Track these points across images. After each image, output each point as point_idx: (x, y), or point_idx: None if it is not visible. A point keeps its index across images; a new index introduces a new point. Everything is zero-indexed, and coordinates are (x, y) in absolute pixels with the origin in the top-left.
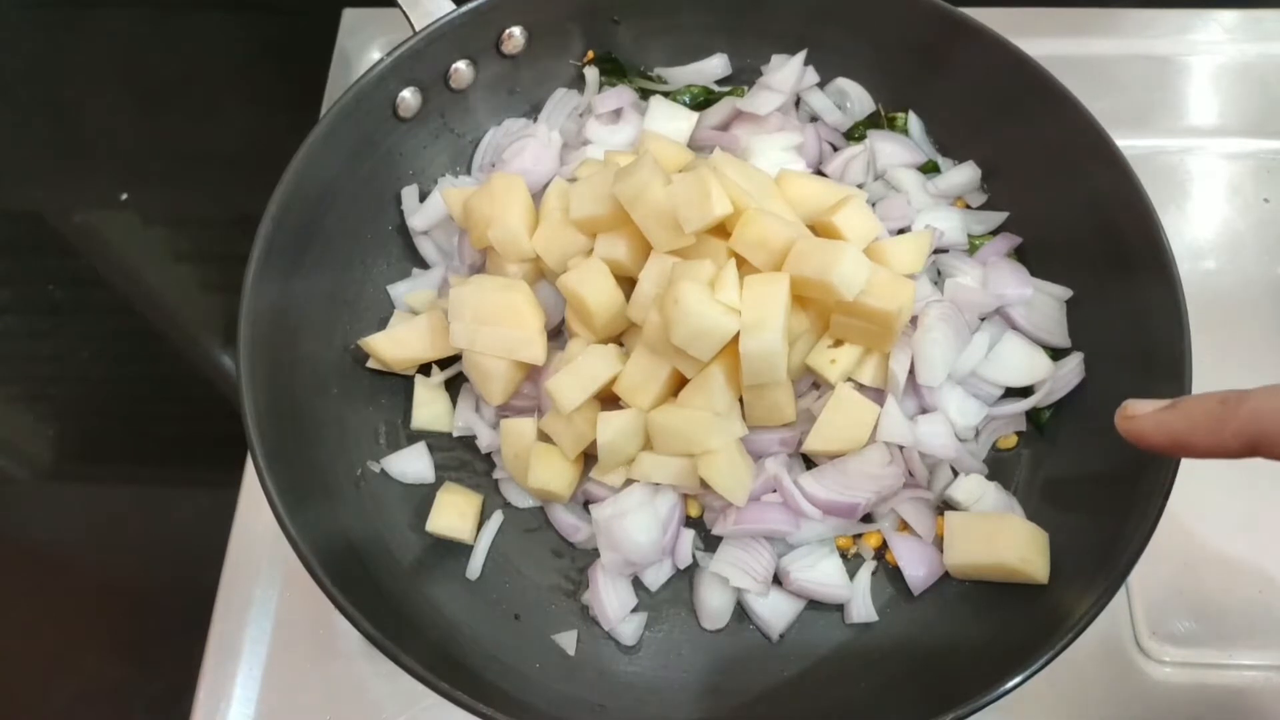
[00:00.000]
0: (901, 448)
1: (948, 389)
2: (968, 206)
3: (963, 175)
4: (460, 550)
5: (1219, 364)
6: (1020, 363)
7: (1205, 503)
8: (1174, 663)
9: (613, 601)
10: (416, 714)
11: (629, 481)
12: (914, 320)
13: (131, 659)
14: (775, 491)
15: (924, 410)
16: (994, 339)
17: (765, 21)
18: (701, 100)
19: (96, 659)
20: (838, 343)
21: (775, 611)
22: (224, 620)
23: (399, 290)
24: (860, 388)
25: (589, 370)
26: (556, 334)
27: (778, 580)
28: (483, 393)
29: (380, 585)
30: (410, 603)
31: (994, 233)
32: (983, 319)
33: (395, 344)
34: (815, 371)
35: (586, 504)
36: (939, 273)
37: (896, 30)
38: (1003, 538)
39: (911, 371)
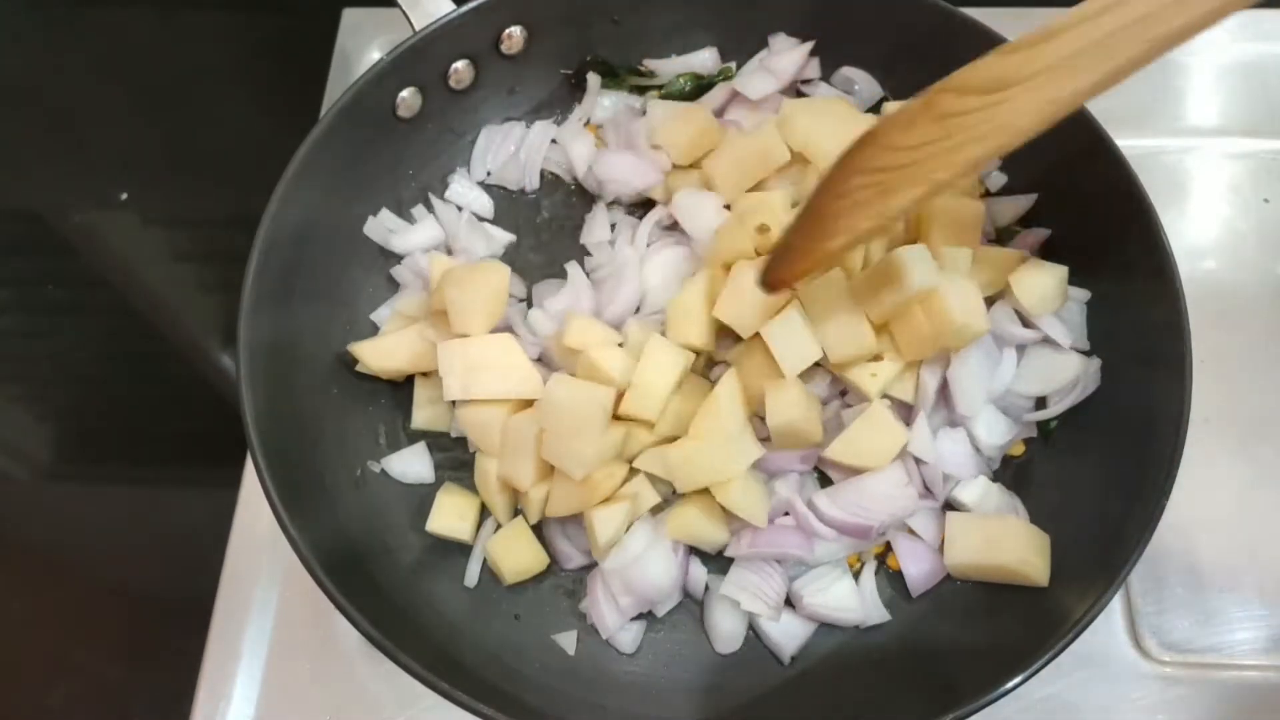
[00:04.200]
0: (918, 461)
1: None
2: (987, 191)
3: None
4: (460, 550)
5: (1219, 364)
6: (1051, 370)
7: (1205, 504)
8: (1174, 663)
9: (612, 612)
10: (416, 714)
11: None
12: None
13: (131, 659)
14: (789, 514)
15: (952, 424)
16: (1021, 349)
17: (768, 21)
18: (693, 88)
19: (96, 659)
20: (877, 357)
21: (787, 634)
22: (224, 620)
23: (381, 314)
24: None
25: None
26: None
27: (789, 603)
28: (484, 447)
29: (380, 585)
30: (410, 603)
31: (1021, 221)
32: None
33: (383, 354)
34: (854, 385)
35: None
36: None
37: (896, 29)
38: (1004, 539)
39: (942, 386)
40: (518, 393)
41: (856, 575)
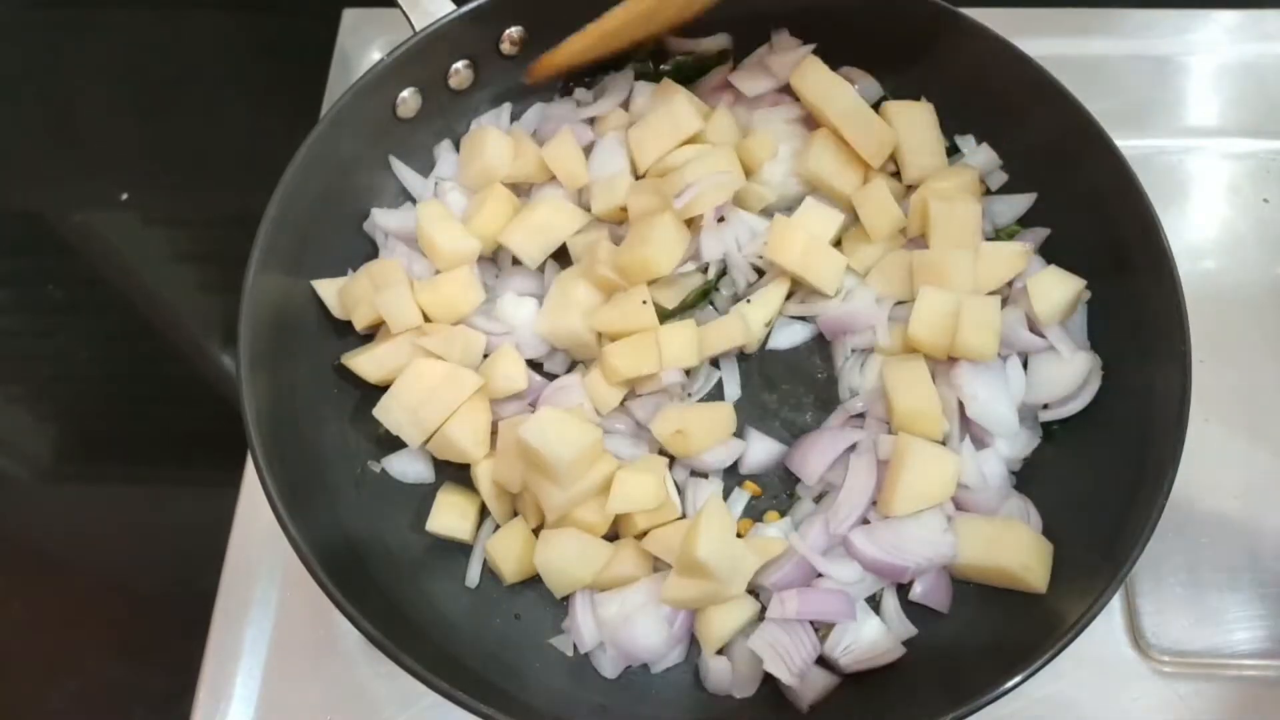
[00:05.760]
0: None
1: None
2: (988, 190)
3: (981, 157)
4: (460, 550)
5: (1219, 364)
6: (1057, 376)
7: (1205, 503)
8: (1174, 663)
9: (593, 634)
10: (416, 714)
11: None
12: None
13: (131, 659)
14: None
15: (979, 446)
16: (1023, 356)
17: (769, 18)
18: (692, 72)
19: (96, 659)
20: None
21: (809, 685)
22: (224, 620)
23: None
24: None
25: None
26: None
27: (822, 661)
28: (469, 460)
29: (380, 585)
30: (410, 603)
31: (1021, 221)
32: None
33: (376, 364)
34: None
35: None
36: None
37: (897, 29)
38: (1007, 544)
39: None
40: (463, 396)
41: (876, 606)
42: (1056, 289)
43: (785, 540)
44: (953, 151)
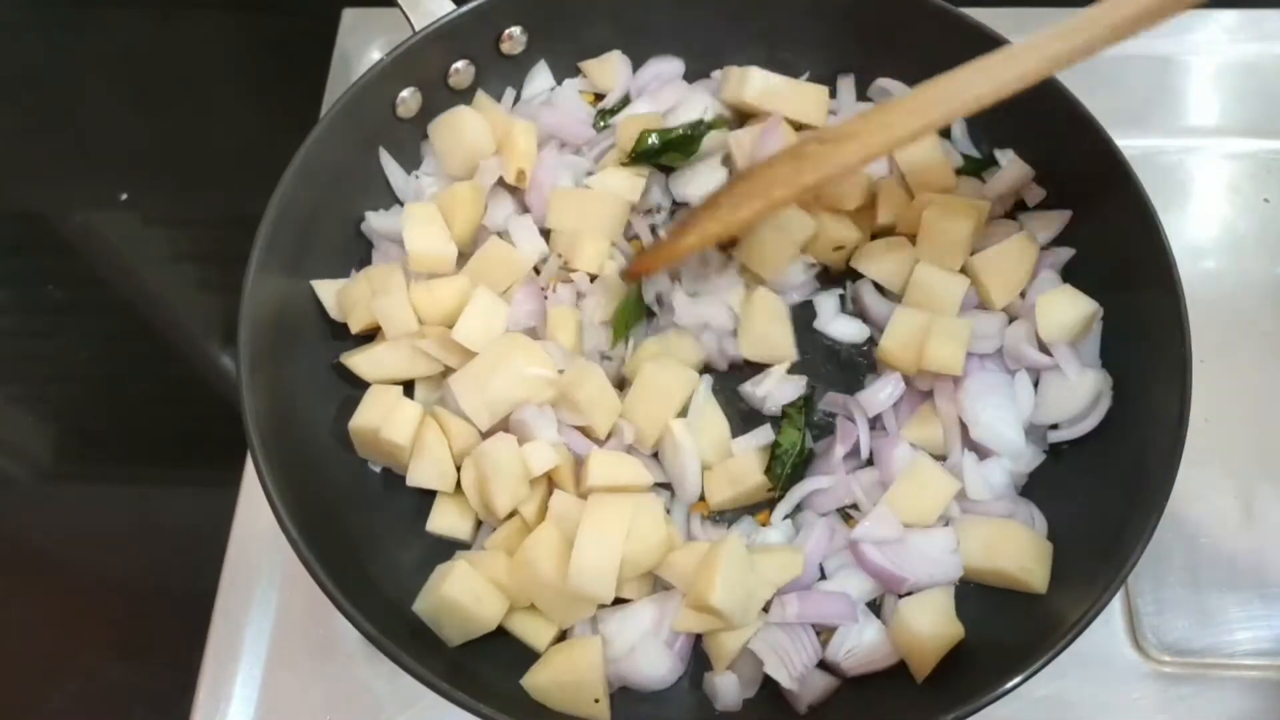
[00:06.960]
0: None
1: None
2: (1024, 205)
3: (1014, 172)
4: (460, 549)
5: (1219, 364)
6: (1066, 396)
7: (1205, 503)
8: (1174, 663)
9: None
10: (416, 714)
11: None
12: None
13: (131, 659)
14: (826, 578)
15: (982, 456)
16: (1033, 376)
17: (775, 22)
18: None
19: (96, 659)
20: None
21: (809, 687)
22: (224, 620)
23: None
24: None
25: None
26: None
27: (824, 665)
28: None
29: (381, 586)
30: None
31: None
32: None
33: (374, 364)
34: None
35: None
36: None
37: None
38: (1006, 545)
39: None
40: (409, 433)
41: (877, 610)
42: (1066, 309)
43: (801, 558)
44: (990, 163)
